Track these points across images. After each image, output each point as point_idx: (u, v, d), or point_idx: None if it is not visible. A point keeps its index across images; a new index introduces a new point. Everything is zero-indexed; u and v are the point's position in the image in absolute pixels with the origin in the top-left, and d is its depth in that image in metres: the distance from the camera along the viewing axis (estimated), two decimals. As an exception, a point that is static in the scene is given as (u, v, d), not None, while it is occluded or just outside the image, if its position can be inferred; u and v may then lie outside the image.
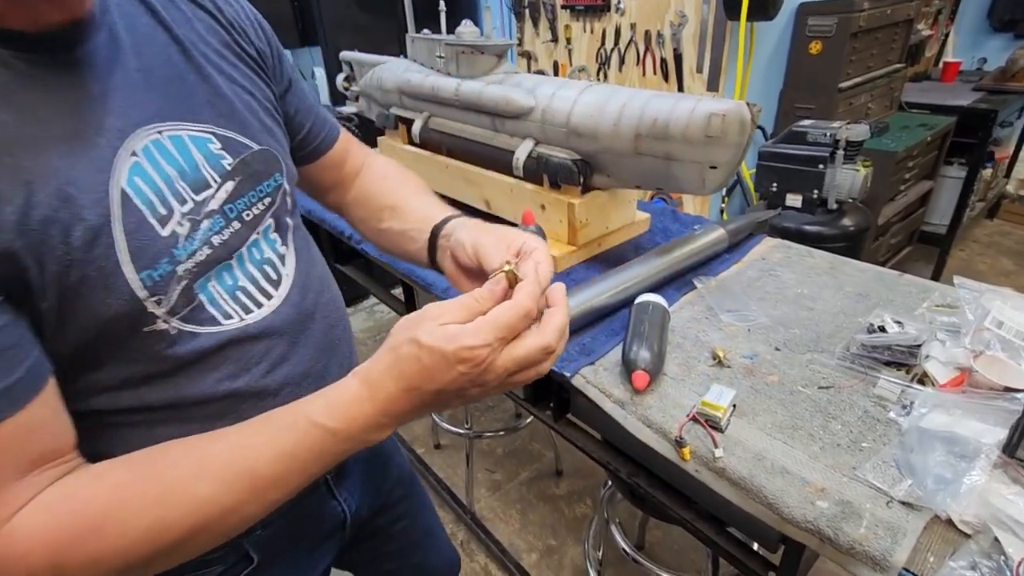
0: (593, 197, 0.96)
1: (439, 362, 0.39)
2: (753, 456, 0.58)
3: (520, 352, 0.41)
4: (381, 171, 0.74)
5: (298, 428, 0.42)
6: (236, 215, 0.50)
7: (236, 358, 0.49)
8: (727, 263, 0.95)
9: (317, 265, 0.61)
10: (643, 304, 0.76)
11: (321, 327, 0.57)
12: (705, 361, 0.72)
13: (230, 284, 0.49)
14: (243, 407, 0.49)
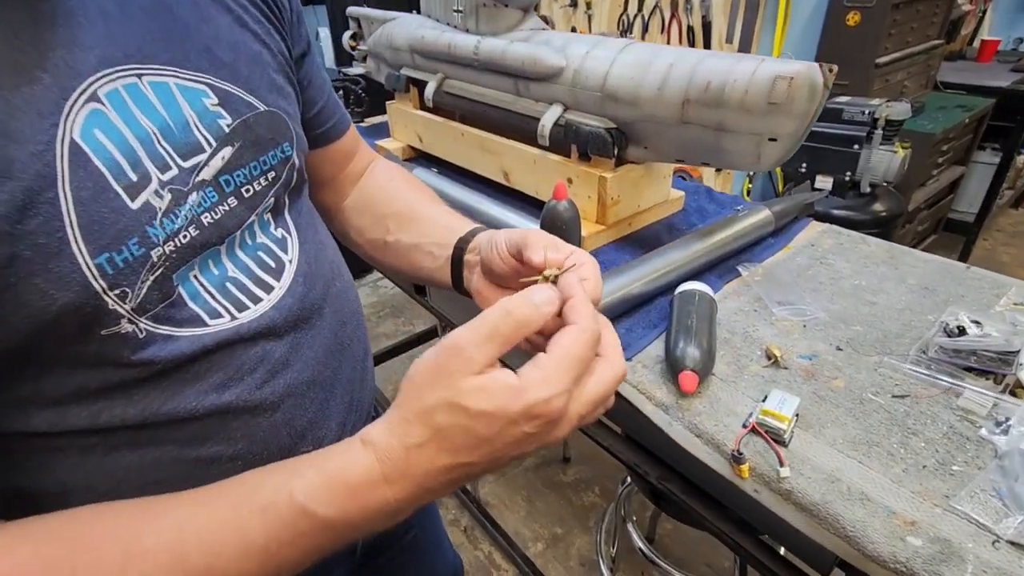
0: (627, 171, 0.86)
1: (501, 427, 0.31)
2: (825, 477, 0.49)
3: (594, 391, 0.33)
4: (386, 174, 0.64)
5: (279, 513, 0.32)
6: (233, 189, 0.40)
7: (225, 365, 0.39)
8: (772, 249, 0.86)
9: (326, 249, 0.51)
10: (688, 294, 0.68)
11: (330, 324, 0.48)
12: (758, 360, 0.63)
13: (219, 275, 0.40)
14: (232, 426, 0.40)
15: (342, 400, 0.49)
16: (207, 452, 0.39)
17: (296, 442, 0.44)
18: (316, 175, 0.60)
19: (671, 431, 0.57)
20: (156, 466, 0.38)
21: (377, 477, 0.32)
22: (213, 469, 0.40)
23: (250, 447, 0.41)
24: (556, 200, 0.67)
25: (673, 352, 0.60)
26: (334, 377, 0.48)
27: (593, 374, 0.34)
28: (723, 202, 1.03)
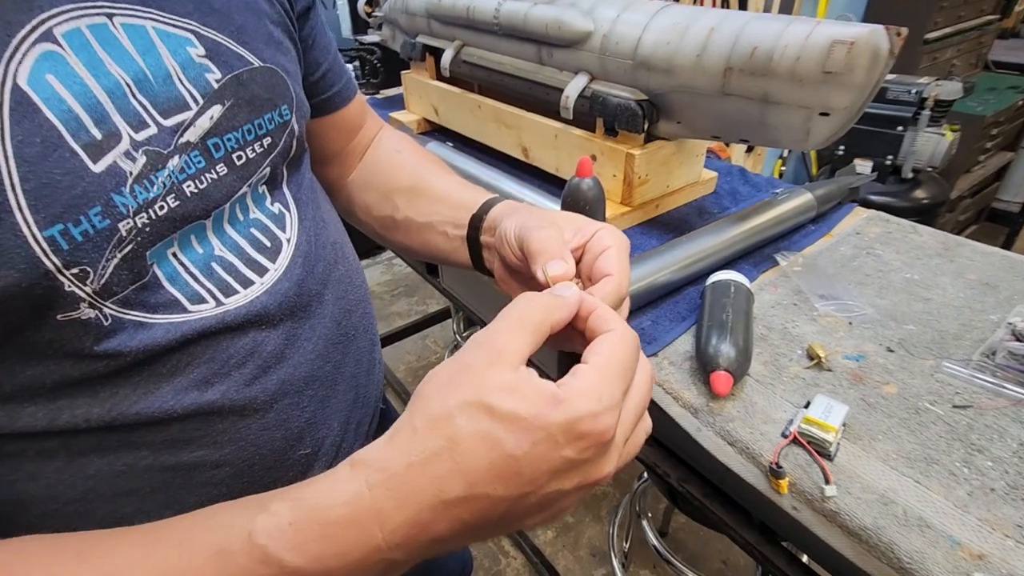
0: (656, 148, 0.79)
1: (536, 444, 0.24)
2: (877, 498, 0.44)
3: (633, 399, 0.28)
4: (393, 145, 0.58)
5: (234, 560, 0.25)
6: (223, 155, 0.35)
7: (208, 358, 0.35)
8: (813, 236, 0.79)
9: (329, 228, 0.46)
10: (721, 284, 0.61)
11: (332, 312, 0.43)
12: (799, 361, 0.57)
13: (204, 254, 0.35)
14: (217, 428, 0.35)
15: (345, 397, 0.45)
16: (188, 458, 0.35)
17: (292, 445, 0.40)
18: (320, 148, 0.55)
19: (700, 437, 0.52)
20: (129, 474, 0.33)
21: (364, 511, 0.25)
22: (195, 477, 0.35)
23: (238, 452, 0.37)
24: (580, 178, 0.61)
25: (705, 349, 0.54)
26: (336, 372, 0.43)
27: (633, 387, 0.28)
28: (758, 184, 0.95)
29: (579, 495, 0.27)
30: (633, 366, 0.28)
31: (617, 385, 0.26)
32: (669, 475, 0.67)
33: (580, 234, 0.38)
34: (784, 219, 0.77)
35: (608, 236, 0.37)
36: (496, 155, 1.02)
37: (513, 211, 0.43)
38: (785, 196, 0.79)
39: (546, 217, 0.39)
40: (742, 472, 0.49)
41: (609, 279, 0.35)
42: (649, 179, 0.81)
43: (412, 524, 0.25)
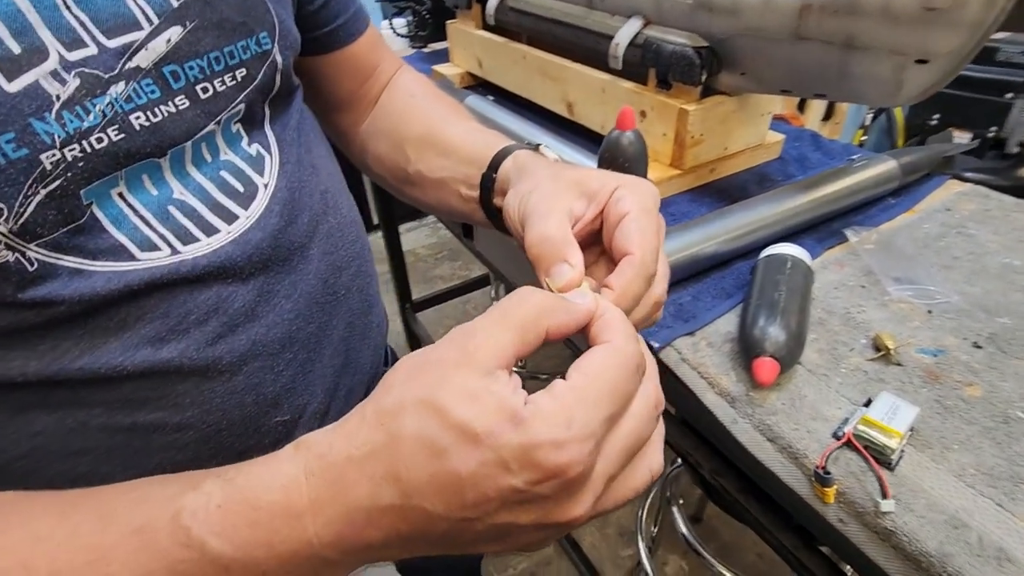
0: (714, 104, 0.70)
1: (483, 464, 0.20)
2: (946, 520, 0.37)
3: (621, 435, 0.23)
4: (407, 88, 0.52)
5: (154, 540, 0.22)
6: (184, 86, 0.31)
7: (162, 312, 0.31)
8: (893, 211, 0.69)
9: (320, 175, 0.42)
10: (776, 259, 0.54)
11: (319, 268, 0.39)
12: (862, 351, 0.50)
13: (159, 196, 0.31)
14: (177, 389, 0.32)
15: (332, 361, 0.41)
16: (145, 419, 0.32)
17: (266, 411, 0.37)
18: (327, 91, 0.50)
19: (735, 430, 0.46)
20: (81, 432, 0.31)
21: (297, 500, 0.22)
22: (156, 440, 0.33)
23: (203, 416, 0.34)
24: (620, 131, 0.54)
25: (750, 332, 0.47)
26: (321, 334, 0.40)
27: (629, 414, 0.23)
28: (832, 151, 0.84)
29: (543, 535, 0.23)
30: (627, 390, 0.23)
31: (596, 411, 0.21)
32: (702, 466, 0.61)
33: (595, 201, 0.31)
34: (859, 189, 0.67)
35: (627, 197, 0.30)
36: (539, 112, 0.95)
37: (520, 173, 0.37)
38: (863, 163, 0.69)
39: (554, 183, 0.33)
40: (782, 473, 0.43)
41: (628, 263, 0.28)
42: (704, 139, 0.73)
43: (344, 523, 0.22)
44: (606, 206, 0.31)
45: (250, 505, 0.22)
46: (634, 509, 1.43)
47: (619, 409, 0.23)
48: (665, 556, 1.35)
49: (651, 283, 0.30)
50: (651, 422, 0.24)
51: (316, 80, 0.48)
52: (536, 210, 0.31)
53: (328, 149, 0.47)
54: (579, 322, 0.25)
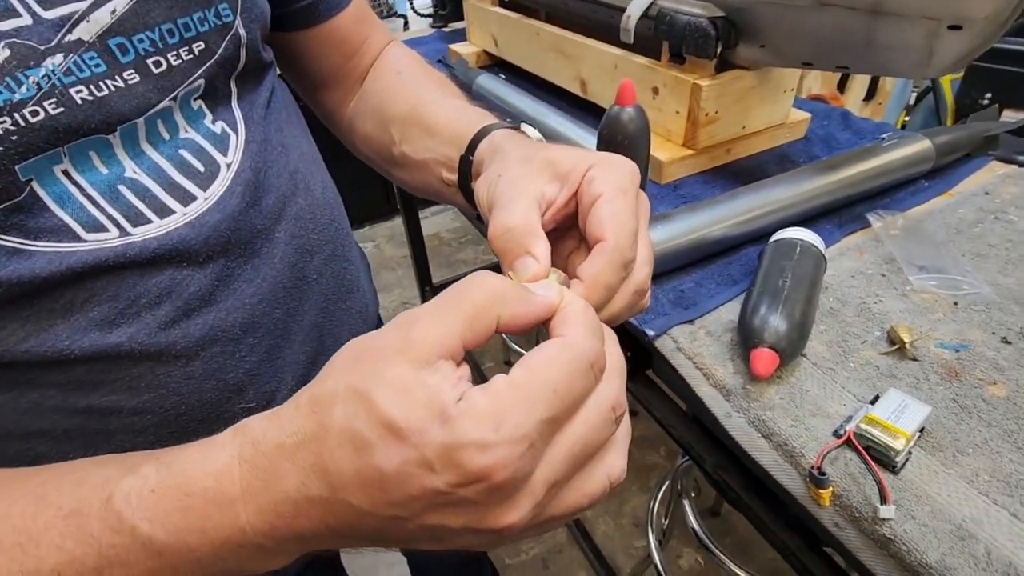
0: (731, 79, 0.66)
1: (405, 462, 0.19)
2: (952, 530, 0.33)
3: (568, 440, 0.21)
4: (394, 64, 0.49)
5: (85, 524, 0.22)
6: (134, 60, 0.29)
7: (111, 296, 0.30)
8: (925, 194, 0.64)
9: (290, 155, 0.40)
10: (785, 243, 0.50)
11: (285, 253, 0.38)
12: (875, 344, 0.46)
13: (109, 175, 0.30)
14: (131, 372, 0.31)
15: (303, 348, 0.40)
16: (100, 402, 0.31)
17: (229, 398, 0.36)
18: (311, 68, 0.48)
19: (728, 424, 0.43)
20: (37, 413, 0.31)
21: (229, 486, 0.21)
22: (113, 423, 0.32)
23: (159, 400, 0.33)
24: (619, 106, 0.51)
25: (749, 321, 0.44)
26: (289, 320, 0.38)
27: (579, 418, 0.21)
28: (863, 130, 0.79)
29: (481, 539, 0.21)
30: (574, 390, 0.20)
31: (533, 412, 0.19)
32: (704, 460, 0.59)
33: (568, 183, 0.28)
34: (887, 171, 0.62)
35: (600, 177, 0.27)
36: (553, 91, 0.92)
37: (492, 156, 0.34)
38: (893, 142, 0.64)
39: (524, 165, 0.30)
40: (775, 471, 0.40)
41: (599, 250, 0.26)
42: (719, 117, 0.69)
43: (274, 513, 0.21)
44: (579, 188, 0.28)
45: (183, 491, 0.22)
46: (646, 500, 1.41)
47: (563, 411, 0.20)
48: (679, 548, 1.32)
49: (629, 270, 0.27)
50: (606, 426, 0.22)
51: (299, 57, 0.47)
52: (502, 197, 0.28)
53: (304, 129, 0.45)
54: (537, 314, 0.23)
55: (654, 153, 0.69)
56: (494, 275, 0.23)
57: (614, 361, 0.23)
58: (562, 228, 0.30)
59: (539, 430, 0.19)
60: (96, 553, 0.22)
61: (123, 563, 0.22)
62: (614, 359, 0.23)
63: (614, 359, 0.23)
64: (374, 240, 2.43)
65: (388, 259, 2.32)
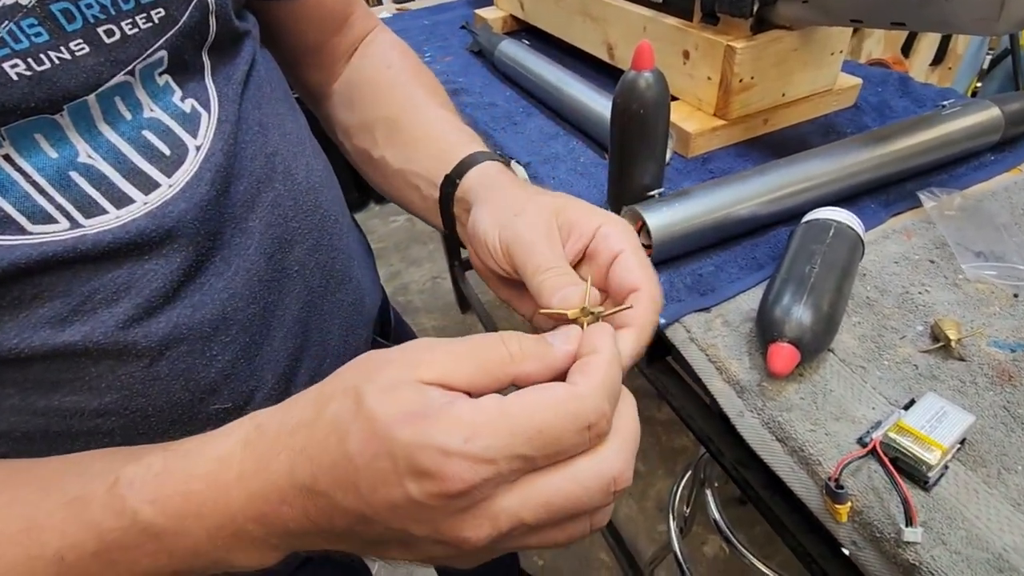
0: (769, 41, 0.60)
1: (375, 458, 0.20)
2: (988, 559, 0.29)
3: (550, 490, 0.21)
4: (383, 56, 0.46)
5: (87, 509, 0.23)
6: (82, 28, 0.27)
7: (62, 292, 0.28)
8: (989, 169, 0.56)
9: (267, 134, 0.37)
10: (817, 224, 0.45)
11: (261, 244, 0.35)
12: (915, 340, 0.41)
13: (58, 159, 0.28)
14: (91, 372, 0.30)
15: (285, 344, 0.38)
16: (61, 402, 0.30)
17: (202, 398, 0.34)
18: (292, 44, 0.45)
19: (740, 424, 0.39)
20: None
21: (228, 471, 0.22)
22: (76, 425, 0.31)
23: (124, 401, 0.31)
24: (636, 70, 0.46)
25: (769, 311, 0.40)
26: (267, 315, 0.36)
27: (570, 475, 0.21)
28: (923, 98, 0.71)
29: (446, 551, 0.21)
30: (562, 443, 0.20)
31: (508, 443, 0.19)
32: (723, 454, 0.55)
33: (576, 234, 0.29)
34: (946, 143, 0.55)
35: (615, 234, 0.29)
36: (578, 56, 0.87)
37: (488, 193, 0.33)
38: (955, 110, 0.56)
39: (537, 208, 0.30)
40: (790, 479, 0.37)
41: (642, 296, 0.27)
42: (756, 83, 0.62)
43: (263, 498, 0.22)
44: (592, 243, 0.29)
45: (187, 475, 0.23)
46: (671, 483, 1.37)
47: (541, 456, 0.20)
48: (704, 535, 1.29)
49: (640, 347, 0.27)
50: (601, 496, 0.21)
51: (278, 30, 0.44)
52: (525, 237, 0.29)
53: (292, 106, 0.42)
54: (555, 370, 0.23)
55: (681, 124, 0.64)
56: (522, 337, 0.23)
57: (628, 431, 0.22)
58: None
59: (509, 463, 0.19)
60: (96, 538, 0.22)
61: (122, 547, 0.23)
62: (629, 428, 0.22)
63: (629, 428, 0.22)
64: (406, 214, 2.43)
65: (420, 233, 2.31)
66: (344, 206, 0.47)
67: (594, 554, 1.31)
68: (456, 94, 0.84)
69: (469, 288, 1.74)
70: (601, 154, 0.67)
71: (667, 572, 1.21)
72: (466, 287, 1.75)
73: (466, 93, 0.84)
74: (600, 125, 0.65)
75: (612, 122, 0.50)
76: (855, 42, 1.40)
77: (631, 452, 0.22)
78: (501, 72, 0.88)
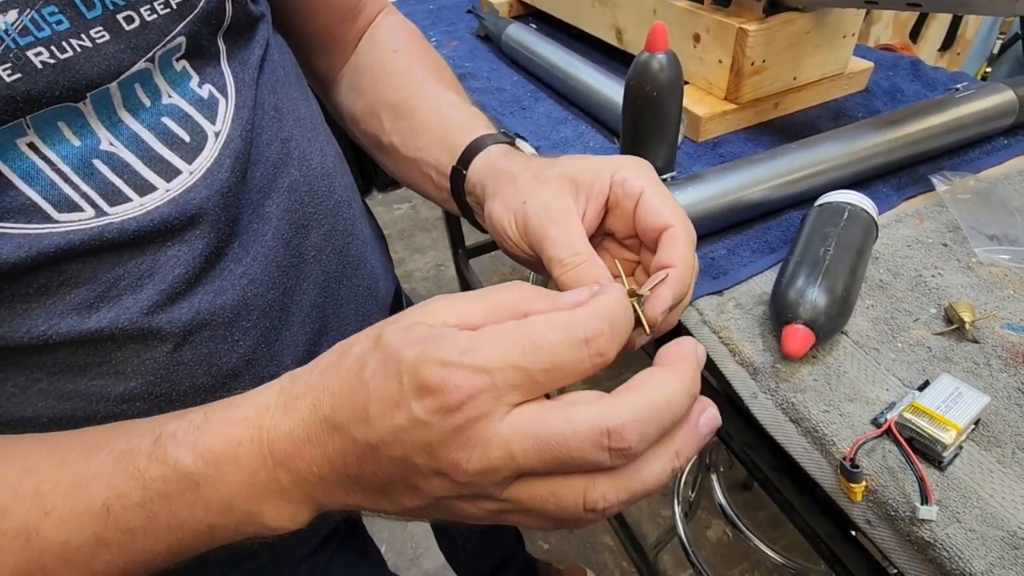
0: (782, 23, 0.59)
1: (386, 380, 0.20)
2: (1003, 537, 0.29)
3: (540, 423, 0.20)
4: (390, 40, 0.46)
5: (132, 461, 0.24)
6: (102, 15, 0.26)
7: (89, 278, 0.28)
8: (1004, 153, 0.56)
9: (283, 119, 0.37)
10: (831, 208, 0.45)
11: (279, 229, 0.35)
12: (929, 323, 0.41)
13: (82, 148, 0.27)
14: (117, 356, 0.30)
15: (303, 329, 0.38)
16: (87, 386, 0.30)
17: (224, 383, 0.34)
18: (300, 31, 0.45)
19: (754, 405, 0.40)
20: (22, 398, 0.30)
21: (264, 417, 0.23)
22: (102, 409, 0.31)
23: (149, 386, 0.31)
24: (649, 52, 0.46)
25: (784, 293, 0.40)
26: (287, 300, 0.36)
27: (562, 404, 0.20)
28: (935, 81, 0.70)
29: (444, 486, 0.21)
30: (559, 357, 0.20)
31: (504, 353, 0.20)
32: (732, 437, 0.55)
33: (593, 195, 0.30)
34: (960, 126, 0.55)
35: (632, 177, 0.29)
36: (586, 40, 0.86)
37: (496, 186, 0.33)
38: (968, 93, 0.56)
39: (544, 186, 0.30)
40: (803, 459, 0.37)
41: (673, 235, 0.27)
42: (767, 66, 0.62)
43: (291, 438, 0.22)
44: (611, 195, 0.30)
45: (227, 421, 0.24)
46: (678, 470, 1.38)
47: (538, 370, 0.20)
48: (708, 520, 1.30)
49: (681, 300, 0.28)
50: (589, 446, 0.19)
51: (286, 17, 0.43)
52: (540, 225, 0.29)
53: (304, 90, 0.42)
54: (596, 369, 0.22)
55: (692, 108, 0.64)
56: (531, 286, 0.24)
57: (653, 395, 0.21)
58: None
59: (504, 373, 0.19)
60: (141, 487, 0.23)
61: (164, 496, 0.23)
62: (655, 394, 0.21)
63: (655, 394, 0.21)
64: (410, 201, 2.43)
65: (424, 220, 2.31)
66: (356, 192, 0.47)
67: (598, 538, 1.32)
68: (463, 79, 0.84)
69: (473, 275, 1.74)
70: (611, 138, 0.67)
71: (671, 556, 1.22)
72: (470, 274, 1.75)
73: (473, 78, 0.84)
74: (609, 109, 0.65)
75: (624, 105, 0.50)
76: (863, 27, 1.39)
77: (648, 417, 0.20)
78: (508, 56, 0.88)
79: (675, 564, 1.24)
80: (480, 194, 0.34)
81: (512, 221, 0.30)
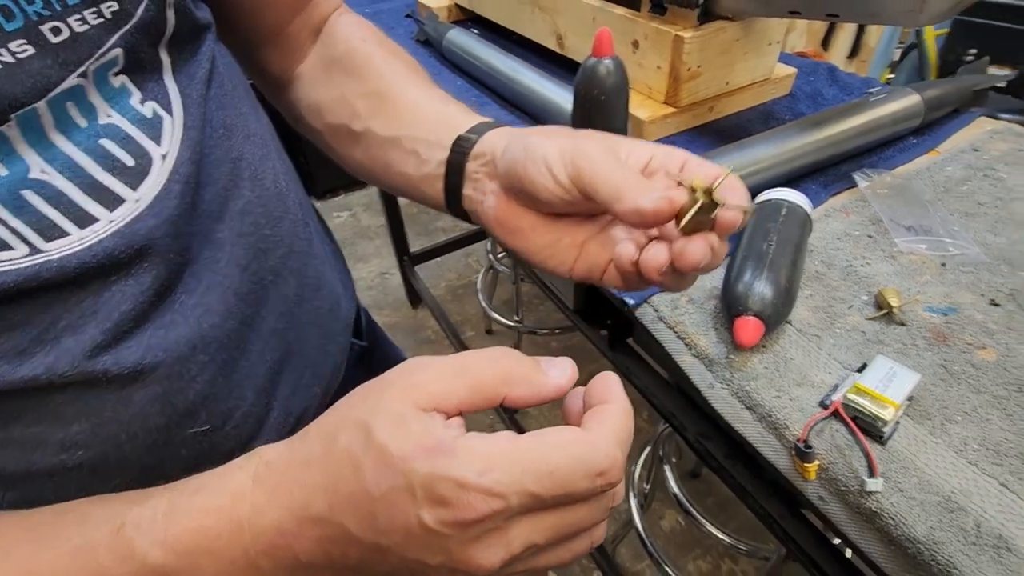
0: (715, 31, 0.62)
1: (392, 488, 0.21)
2: (940, 502, 0.32)
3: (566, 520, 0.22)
4: (357, 31, 0.44)
5: (94, 556, 0.22)
6: (23, 27, 0.23)
7: (23, 322, 0.25)
8: (912, 151, 0.61)
9: (233, 137, 0.34)
10: (770, 205, 0.48)
11: (234, 255, 0.32)
12: (862, 309, 0.44)
13: (9, 177, 0.24)
14: (56, 400, 0.26)
15: (264, 359, 0.35)
16: (23, 434, 0.27)
17: (179, 422, 0.31)
18: (249, 27, 0.42)
19: (711, 395, 0.41)
20: None
21: (241, 504, 0.22)
22: (39, 457, 0.27)
23: (97, 429, 0.28)
24: (596, 58, 0.47)
25: (733, 287, 0.42)
26: (246, 329, 0.33)
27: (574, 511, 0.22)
28: (850, 86, 0.76)
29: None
30: (572, 488, 0.21)
31: (520, 481, 0.20)
32: (686, 428, 0.57)
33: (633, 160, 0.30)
34: (875, 127, 0.60)
35: (676, 150, 0.29)
36: (527, 46, 0.87)
37: (531, 133, 0.32)
38: (881, 97, 0.61)
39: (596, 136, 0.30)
40: (760, 445, 0.39)
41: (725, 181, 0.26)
42: (703, 72, 0.65)
43: (277, 531, 0.22)
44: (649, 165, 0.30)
45: (198, 510, 0.23)
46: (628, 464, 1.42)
47: (550, 497, 0.21)
48: (662, 510, 1.34)
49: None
50: (600, 514, 0.23)
51: (233, 16, 0.40)
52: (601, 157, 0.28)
53: (253, 104, 0.39)
54: (543, 398, 0.24)
55: (634, 111, 0.66)
56: (513, 355, 0.24)
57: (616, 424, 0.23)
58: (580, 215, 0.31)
59: (519, 499, 0.20)
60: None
61: None
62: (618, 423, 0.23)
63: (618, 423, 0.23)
64: (350, 209, 2.37)
65: (365, 228, 2.26)
66: (311, 208, 0.45)
67: (557, 538, 1.33)
68: (406, 84, 0.83)
69: (420, 282, 1.72)
70: (558, 142, 0.68)
71: (628, 549, 1.25)
72: (416, 281, 1.73)
73: (416, 83, 0.83)
74: (555, 113, 0.66)
75: (574, 109, 0.51)
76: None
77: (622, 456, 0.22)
78: (450, 61, 0.87)
79: (632, 556, 1.27)
80: (494, 153, 0.33)
81: (560, 154, 0.29)
